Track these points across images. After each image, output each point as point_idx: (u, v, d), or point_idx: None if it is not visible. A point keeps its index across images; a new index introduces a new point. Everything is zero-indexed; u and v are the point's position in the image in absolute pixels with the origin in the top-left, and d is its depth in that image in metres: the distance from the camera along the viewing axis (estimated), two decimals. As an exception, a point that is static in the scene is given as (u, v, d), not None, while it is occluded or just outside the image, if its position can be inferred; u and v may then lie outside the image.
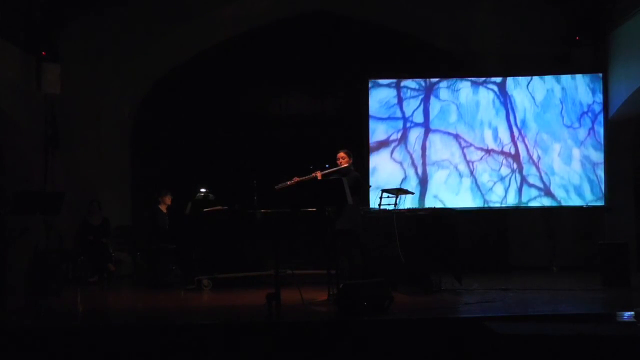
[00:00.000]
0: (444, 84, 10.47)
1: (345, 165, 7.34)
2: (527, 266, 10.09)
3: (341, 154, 7.41)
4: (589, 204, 9.95)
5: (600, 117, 10.18)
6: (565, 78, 10.35)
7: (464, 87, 10.49)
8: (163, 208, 9.45)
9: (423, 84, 10.48)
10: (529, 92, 10.39)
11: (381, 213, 8.04)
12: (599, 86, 10.23)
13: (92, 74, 10.02)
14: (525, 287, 7.84)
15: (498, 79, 10.46)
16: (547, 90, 10.38)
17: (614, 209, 9.90)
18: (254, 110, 11.31)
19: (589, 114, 10.29)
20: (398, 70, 10.42)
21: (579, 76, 10.30)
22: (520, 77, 10.42)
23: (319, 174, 7.14)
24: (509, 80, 10.45)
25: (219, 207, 8.62)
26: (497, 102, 10.47)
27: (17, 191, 7.24)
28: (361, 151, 9.80)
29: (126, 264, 9.95)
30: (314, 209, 7.47)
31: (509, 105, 10.45)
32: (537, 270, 9.74)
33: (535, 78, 10.41)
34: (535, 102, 10.40)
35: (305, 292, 6.64)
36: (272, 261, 6.56)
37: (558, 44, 10.25)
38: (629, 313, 5.77)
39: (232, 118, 11.20)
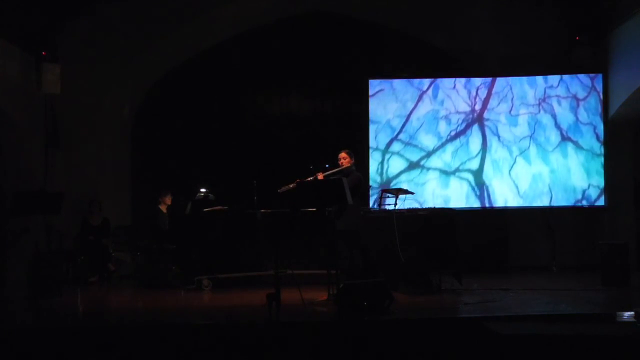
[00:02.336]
0: (404, 177, 9.48)
1: (347, 165, 7.34)
2: (527, 266, 10.08)
3: (342, 154, 7.41)
4: (589, 204, 9.94)
5: (600, 204, 9.57)
6: (556, 157, 9.56)
7: (432, 178, 9.72)
8: (163, 208, 9.46)
9: (379, 180, 9.66)
10: (512, 179, 9.68)
11: (381, 213, 8.04)
12: (596, 165, 9.57)
13: (92, 74, 10.02)
14: (525, 287, 7.83)
15: (474, 167, 9.70)
16: (533, 176, 9.72)
17: (614, 209, 9.89)
18: (254, 110, 11.30)
19: (584, 201, 9.60)
20: (398, 70, 10.42)
21: (571, 153, 9.62)
22: (500, 161, 9.72)
23: (320, 176, 7.12)
24: (487, 165, 9.67)
25: (219, 207, 8.62)
26: (472, 195, 9.71)
27: (17, 191, 7.24)
28: (361, 151, 9.78)
29: (126, 264, 9.95)
30: (315, 209, 7.47)
31: (486, 199, 9.69)
32: (537, 270, 9.73)
33: (519, 159, 9.68)
34: (518, 191, 9.68)
35: (305, 292, 6.64)
36: (272, 261, 6.56)
37: (558, 44, 10.23)
38: (629, 313, 5.77)
39: (232, 118, 11.19)
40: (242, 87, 11.18)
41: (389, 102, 10.14)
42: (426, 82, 10.16)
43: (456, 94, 10.14)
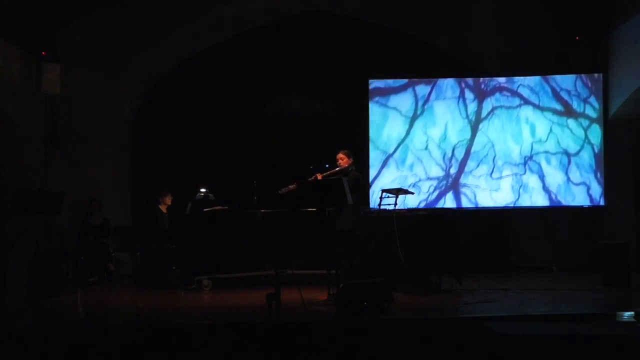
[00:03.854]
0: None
1: (345, 165, 7.34)
2: (527, 266, 10.08)
3: (340, 155, 7.41)
4: (589, 204, 9.93)
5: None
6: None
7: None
8: (163, 208, 9.45)
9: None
10: None
11: (381, 213, 8.04)
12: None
13: (92, 73, 10.01)
14: (525, 287, 7.84)
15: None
16: None
17: (614, 209, 9.88)
18: (254, 110, 11.30)
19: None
20: (398, 71, 10.41)
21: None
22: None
23: (319, 176, 7.12)
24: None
25: (219, 207, 8.62)
26: None
27: (17, 191, 7.23)
28: (361, 151, 9.78)
29: (126, 264, 9.95)
30: (314, 209, 7.47)
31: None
32: (537, 270, 9.73)
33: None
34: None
35: (305, 292, 6.63)
36: (272, 261, 6.57)
37: (558, 44, 10.22)
38: (629, 313, 5.78)
39: (232, 118, 11.19)
40: (242, 87, 11.17)
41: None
42: (394, 143, 9.27)
43: (428, 155, 9.24)
